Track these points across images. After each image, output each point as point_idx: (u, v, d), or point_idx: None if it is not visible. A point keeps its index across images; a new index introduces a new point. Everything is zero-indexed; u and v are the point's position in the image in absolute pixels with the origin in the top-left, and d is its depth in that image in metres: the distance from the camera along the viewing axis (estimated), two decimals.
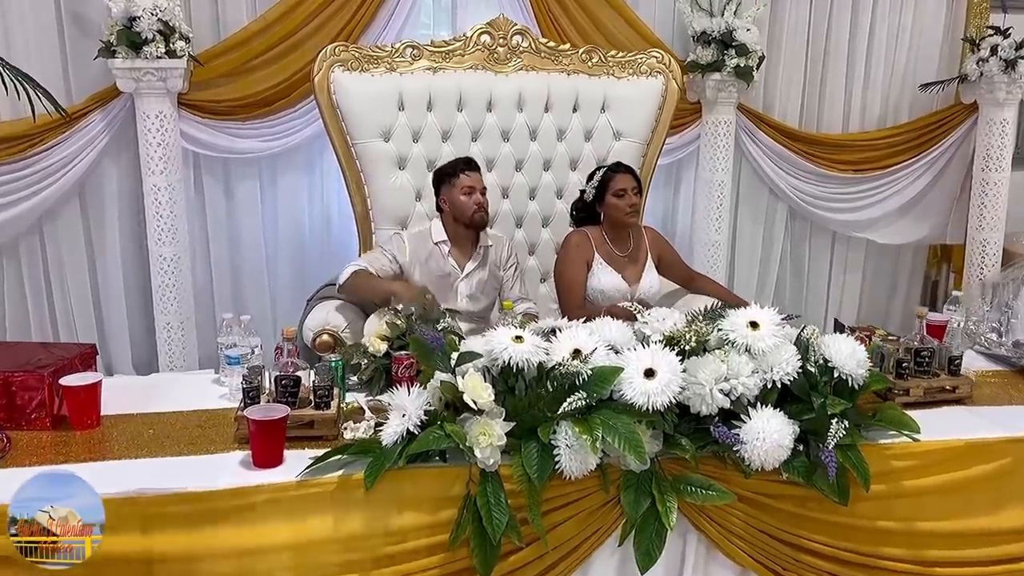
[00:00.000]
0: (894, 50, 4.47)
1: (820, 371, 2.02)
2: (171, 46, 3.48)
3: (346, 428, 2.01)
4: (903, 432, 2.02)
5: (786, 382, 1.94)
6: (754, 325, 1.96)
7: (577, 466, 1.83)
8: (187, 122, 3.75)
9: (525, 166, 3.46)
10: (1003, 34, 4.22)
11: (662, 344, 1.94)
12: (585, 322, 2.08)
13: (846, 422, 1.92)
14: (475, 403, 1.85)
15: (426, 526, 1.86)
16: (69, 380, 2.04)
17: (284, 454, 1.89)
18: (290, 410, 1.92)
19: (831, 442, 1.89)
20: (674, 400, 1.86)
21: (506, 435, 1.85)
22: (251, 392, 2.01)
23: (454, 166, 2.99)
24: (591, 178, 3.11)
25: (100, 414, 2.08)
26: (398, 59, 3.33)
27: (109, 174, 3.81)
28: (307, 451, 1.92)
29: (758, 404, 1.93)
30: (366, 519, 1.84)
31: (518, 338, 1.90)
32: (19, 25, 3.55)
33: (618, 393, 1.87)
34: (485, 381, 1.89)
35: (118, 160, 3.80)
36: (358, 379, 2.35)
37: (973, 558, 2.11)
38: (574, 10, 3.95)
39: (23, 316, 3.86)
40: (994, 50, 4.21)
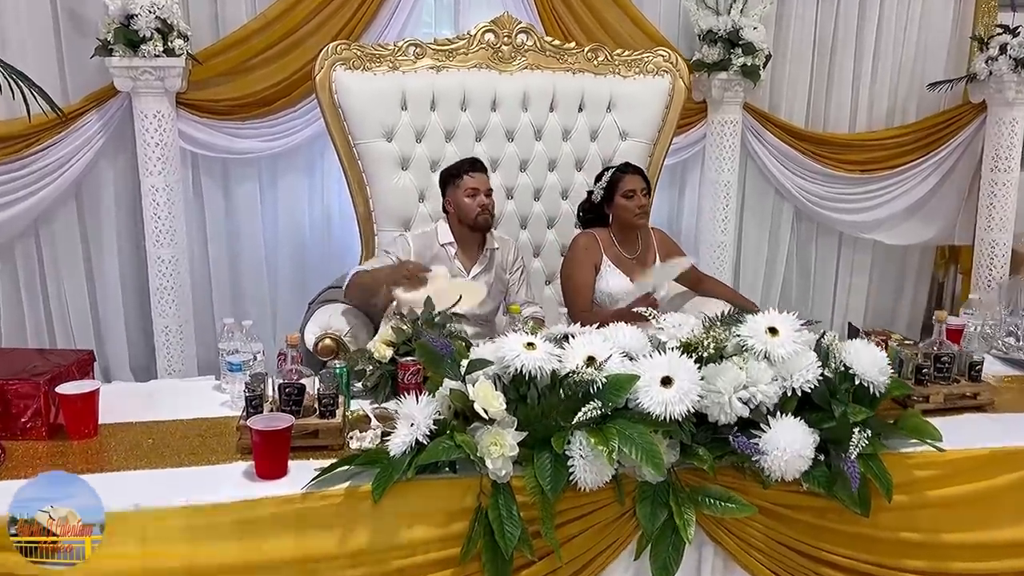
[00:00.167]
0: (901, 48, 4.44)
1: (840, 378, 1.96)
2: (169, 44, 3.45)
3: (352, 437, 1.95)
4: (925, 441, 1.97)
5: (806, 390, 1.88)
6: (773, 331, 1.90)
7: (592, 478, 1.77)
8: (185, 122, 3.71)
9: (530, 166, 3.41)
10: (1012, 33, 4.17)
11: (679, 351, 1.87)
12: (599, 327, 2.03)
13: (868, 431, 1.87)
14: (486, 412, 1.79)
15: (436, 539, 1.80)
16: (66, 388, 1.99)
17: (288, 465, 1.84)
18: (294, 420, 1.86)
19: (853, 452, 1.83)
20: (692, 409, 1.80)
21: (518, 445, 1.79)
22: (254, 400, 1.94)
23: (459, 167, 2.94)
24: (599, 179, 3.06)
25: (98, 423, 2.03)
26: (401, 58, 3.28)
27: (106, 175, 3.77)
28: (312, 461, 1.86)
29: (777, 412, 1.87)
30: (374, 532, 1.78)
31: (530, 345, 1.84)
32: (14, 23, 3.50)
33: (634, 402, 1.81)
34: (496, 389, 1.83)
35: (115, 161, 3.77)
36: (363, 386, 2.31)
37: (999, 570, 2.05)
38: (578, 8, 3.91)
39: (19, 319, 3.82)
40: (1003, 49, 4.16)
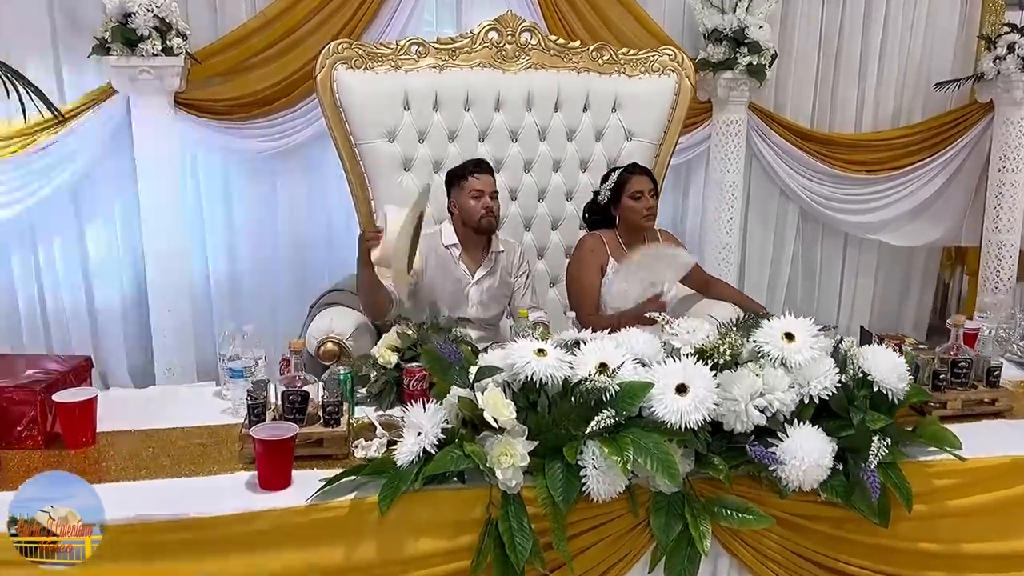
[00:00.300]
0: (907, 48, 4.40)
1: (857, 384, 1.91)
2: (168, 43, 3.41)
3: (357, 446, 1.90)
4: (945, 449, 1.92)
5: (824, 397, 1.83)
6: (789, 337, 1.86)
7: (606, 488, 1.72)
8: (184, 122, 3.67)
9: (534, 167, 3.36)
10: (1020, 32, 4.14)
11: (694, 357, 1.82)
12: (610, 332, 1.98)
13: (888, 439, 1.82)
14: (496, 421, 1.74)
15: (444, 552, 1.76)
16: (63, 396, 1.95)
17: (292, 475, 1.79)
18: (298, 428, 1.81)
19: (873, 461, 1.78)
20: (708, 418, 1.75)
21: (528, 454, 1.74)
22: (256, 408, 1.89)
23: (464, 168, 2.88)
24: (605, 179, 3.00)
25: (96, 431, 1.98)
26: (403, 56, 3.22)
27: (104, 176, 3.72)
28: (316, 471, 1.82)
29: (794, 420, 1.83)
30: (381, 545, 1.73)
31: (541, 351, 1.80)
32: (10, 21, 3.46)
33: (648, 410, 1.76)
34: (505, 397, 1.78)
35: (113, 161, 3.71)
36: (367, 392, 2.26)
37: None
38: (582, 7, 3.88)
39: (15, 323, 3.77)
40: (1011, 48, 4.12)
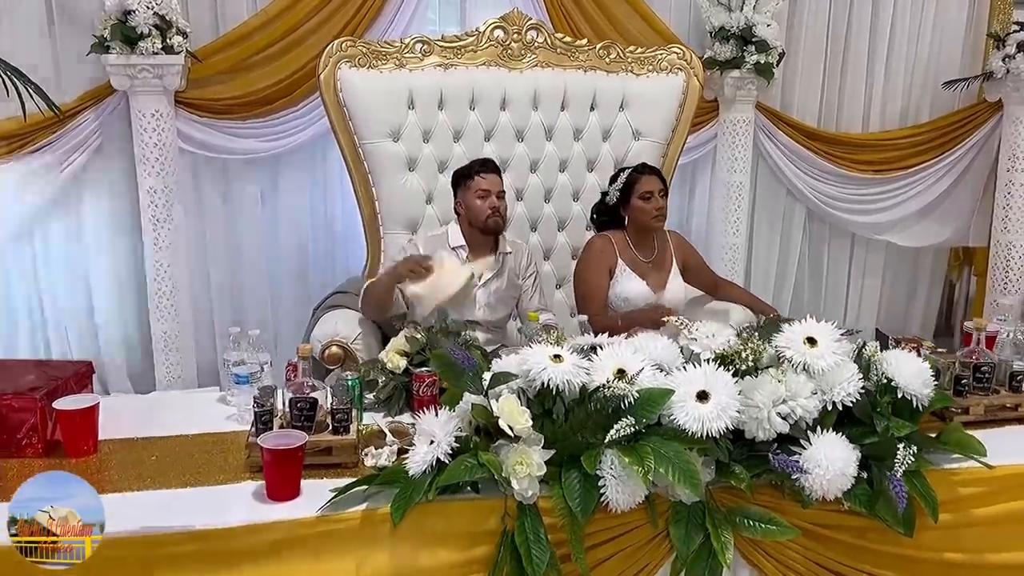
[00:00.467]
0: (915, 46, 4.35)
1: (880, 390, 1.87)
2: (168, 41, 3.36)
3: (367, 454, 1.85)
4: (972, 456, 1.87)
5: (848, 404, 1.78)
6: (811, 341, 1.81)
7: (625, 499, 1.67)
8: (184, 121, 3.61)
9: (540, 167, 3.32)
10: None
11: (715, 363, 1.77)
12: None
13: (913, 447, 1.77)
14: (511, 429, 1.69)
15: (459, 564, 1.71)
16: (64, 403, 1.90)
17: (301, 485, 1.73)
18: (308, 437, 1.76)
19: (899, 470, 1.74)
20: (730, 425, 1.70)
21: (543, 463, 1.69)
22: (263, 416, 1.84)
23: (470, 167, 2.85)
24: (614, 180, 2.96)
25: (97, 439, 1.93)
26: (408, 55, 3.18)
27: (102, 176, 3.66)
28: (325, 481, 1.77)
29: (817, 428, 1.78)
30: (393, 557, 1.68)
31: (557, 357, 1.75)
32: (6, 18, 3.39)
33: (668, 418, 1.71)
34: (520, 404, 1.73)
35: (112, 161, 3.65)
36: (375, 398, 2.21)
37: None
38: (588, 5, 3.82)
39: (12, 326, 3.70)
40: (1021, 46, 4.07)
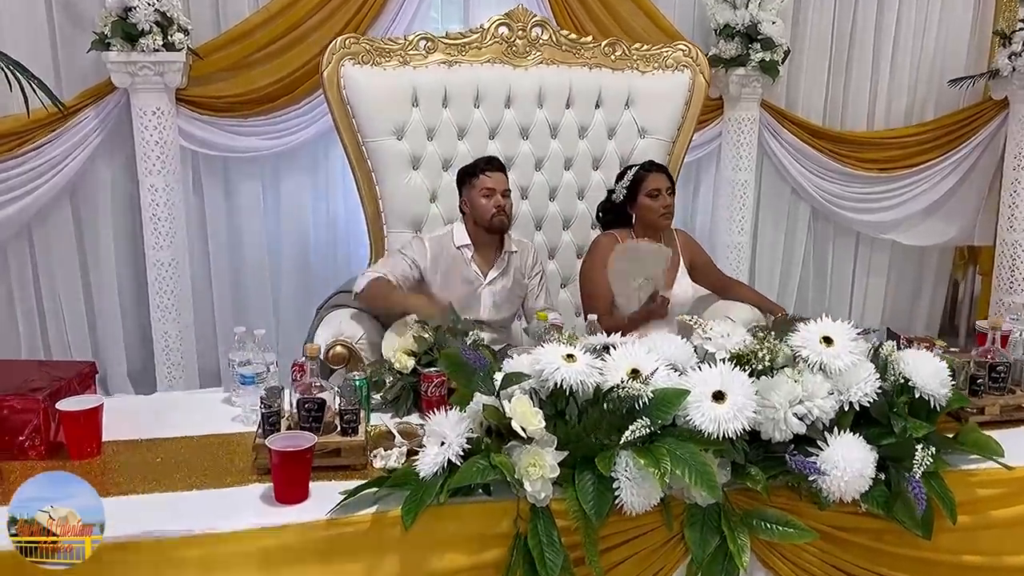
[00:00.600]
0: (920, 44, 4.33)
1: (896, 391, 1.84)
2: (169, 38, 3.35)
3: (375, 456, 1.82)
4: (990, 457, 1.85)
5: (865, 404, 1.76)
6: (828, 341, 1.78)
7: (640, 501, 1.64)
8: (185, 119, 3.60)
9: (545, 165, 3.29)
10: None
11: (731, 363, 1.74)
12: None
13: (932, 448, 1.74)
14: (524, 430, 1.66)
15: (470, 568, 1.68)
16: (67, 404, 1.86)
17: (309, 487, 1.70)
18: (317, 438, 1.73)
19: (918, 471, 1.71)
20: (747, 426, 1.67)
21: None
22: (271, 417, 1.81)
23: (475, 165, 2.82)
24: (621, 177, 2.93)
25: (101, 441, 1.90)
26: (411, 52, 3.15)
27: (103, 175, 3.64)
28: (333, 483, 1.74)
29: (833, 429, 1.75)
30: (404, 560, 1.65)
31: (570, 357, 1.72)
32: (5, 15, 3.37)
33: (683, 418, 1.69)
34: (532, 405, 1.70)
35: (112, 160, 3.64)
36: (382, 398, 2.18)
37: None
38: (592, 2, 3.80)
39: (11, 326, 3.68)
40: None
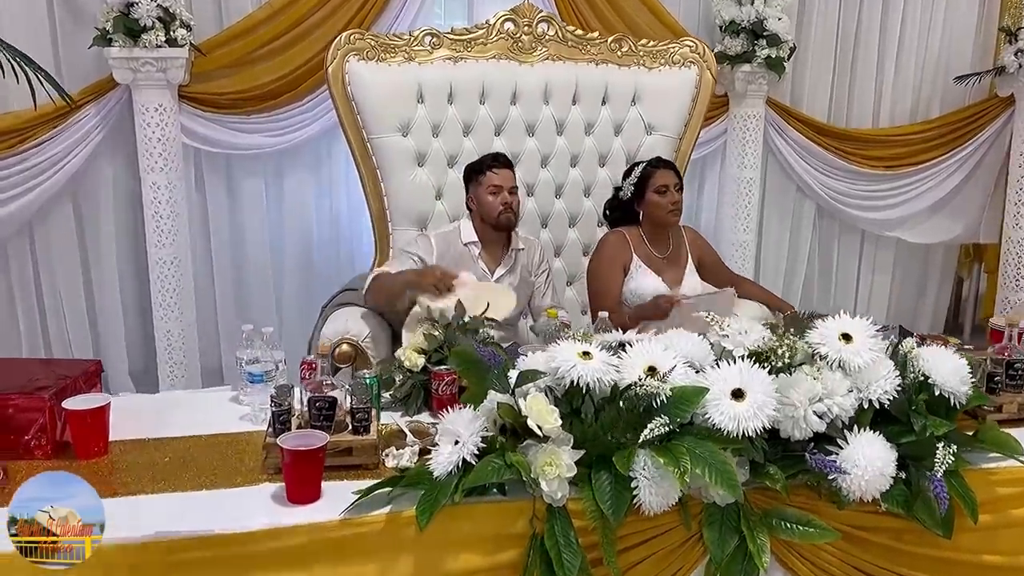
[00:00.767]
0: (926, 41, 4.32)
1: (915, 388, 1.82)
2: (171, 34, 3.33)
3: (387, 455, 1.79)
4: (1011, 455, 1.82)
5: (884, 402, 1.73)
6: (847, 338, 1.75)
7: (659, 500, 1.61)
8: (188, 116, 3.58)
9: (551, 162, 3.26)
10: None
11: (750, 360, 1.72)
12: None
13: (953, 446, 1.72)
14: (540, 429, 1.63)
15: (486, 568, 1.65)
16: (73, 403, 1.83)
17: (321, 487, 1.68)
18: (329, 437, 1.70)
19: (939, 470, 1.69)
20: (767, 424, 1.64)
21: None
22: (281, 416, 1.78)
23: (482, 162, 2.81)
24: (628, 174, 2.91)
25: (108, 440, 1.87)
26: (416, 48, 3.12)
27: (104, 172, 3.62)
28: (345, 483, 1.71)
29: (853, 427, 1.73)
30: (418, 561, 1.62)
31: (586, 354, 1.69)
32: (6, 10, 3.34)
33: (702, 417, 1.66)
34: (548, 403, 1.67)
35: (114, 157, 3.62)
36: (392, 396, 2.15)
37: None
38: None
39: (12, 324, 3.65)
40: None
